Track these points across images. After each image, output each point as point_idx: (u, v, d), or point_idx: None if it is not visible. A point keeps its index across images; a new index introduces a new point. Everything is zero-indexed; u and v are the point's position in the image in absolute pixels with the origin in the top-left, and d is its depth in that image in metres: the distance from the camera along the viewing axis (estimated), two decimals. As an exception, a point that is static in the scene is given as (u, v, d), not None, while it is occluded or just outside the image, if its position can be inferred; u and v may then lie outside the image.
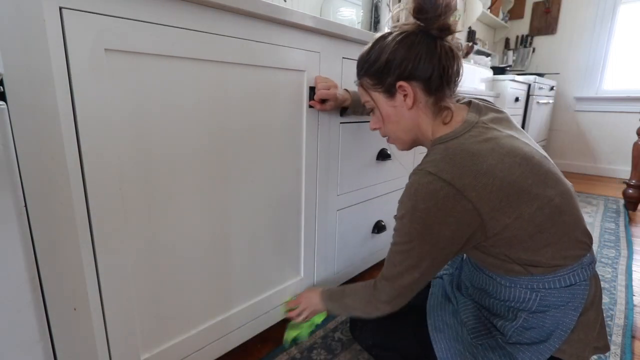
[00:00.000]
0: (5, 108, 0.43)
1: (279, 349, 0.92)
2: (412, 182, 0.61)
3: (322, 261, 1.04)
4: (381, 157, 1.16)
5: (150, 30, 0.56)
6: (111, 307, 0.60)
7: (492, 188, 0.55)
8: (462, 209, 0.56)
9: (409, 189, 0.61)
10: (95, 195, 0.54)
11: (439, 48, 0.61)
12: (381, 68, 0.65)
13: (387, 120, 0.70)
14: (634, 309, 1.16)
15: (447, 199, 0.56)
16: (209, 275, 0.75)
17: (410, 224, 0.60)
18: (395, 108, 0.68)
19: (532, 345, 0.61)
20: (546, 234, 0.58)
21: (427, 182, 0.58)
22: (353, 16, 1.73)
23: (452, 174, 0.56)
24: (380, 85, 0.67)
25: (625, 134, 3.13)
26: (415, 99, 0.65)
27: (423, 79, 0.63)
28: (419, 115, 0.67)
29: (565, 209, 0.59)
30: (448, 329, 0.70)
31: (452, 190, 0.56)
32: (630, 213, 2.20)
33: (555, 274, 0.59)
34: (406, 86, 0.64)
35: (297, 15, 0.76)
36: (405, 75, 0.63)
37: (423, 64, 0.62)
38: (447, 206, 0.56)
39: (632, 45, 3.08)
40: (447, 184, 0.56)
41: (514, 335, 0.63)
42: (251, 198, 0.79)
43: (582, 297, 0.60)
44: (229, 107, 0.70)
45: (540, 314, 0.61)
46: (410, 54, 0.62)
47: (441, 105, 0.65)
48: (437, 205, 0.56)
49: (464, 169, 0.56)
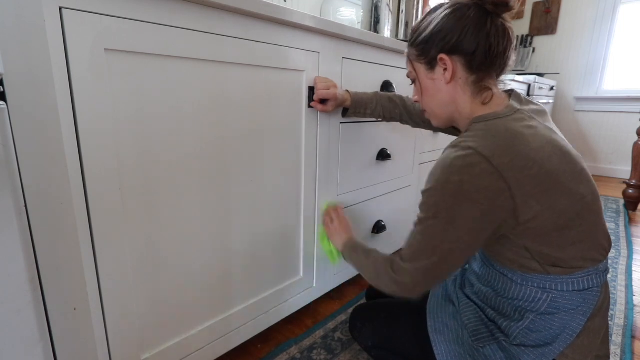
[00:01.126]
0: (5, 108, 0.43)
1: (279, 349, 0.92)
2: (447, 154, 0.58)
3: (321, 261, 1.04)
4: (381, 157, 1.16)
5: (150, 30, 0.56)
6: (111, 307, 0.60)
7: (529, 172, 0.53)
8: (497, 189, 0.53)
9: (444, 161, 0.58)
10: (95, 195, 0.54)
11: (489, 24, 0.59)
12: (426, 39, 0.64)
13: (425, 93, 0.69)
14: (634, 309, 1.16)
15: (483, 175, 0.53)
16: (209, 275, 0.75)
17: (439, 197, 0.57)
18: (433, 81, 0.67)
19: (536, 347, 0.60)
20: (574, 231, 0.56)
21: (465, 155, 0.55)
22: (353, 16, 1.73)
23: (492, 151, 0.54)
24: (423, 57, 0.66)
25: (625, 134, 3.13)
26: (454, 73, 0.63)
27: (466, 54, 0.61)
28: (457, 92, 0.65)
29: (594, 208, 0.58)
30: (448, 331, 0.69)
31: (489, 167, 0.53)
32: (630, 213, 2.20)
33: (571, 276, 0.58)
34: (447, 59, 0.62)
35: (297, 15, 0.76)
36: (448, 48, 0.62)
37: (468, 38, 0.60)
38: (482, 183, 0.54)
39: (632, 45, 3.08)
40: (486, 159, 0.54)
41: (519, 336, 0.61)
42: (251, 198, 0.79)
43: (592, 303, 0.59)
44: (228, 107, 0.70)
45: (549, 316, 0.60)
46: (457, 26, 0.60)
47: (482, 85, 0.63)
48: (472, 180, 0.54)
49: (504, 148, 0.55)
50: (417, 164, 1.41)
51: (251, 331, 0.88)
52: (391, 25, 1.48)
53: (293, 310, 0.99)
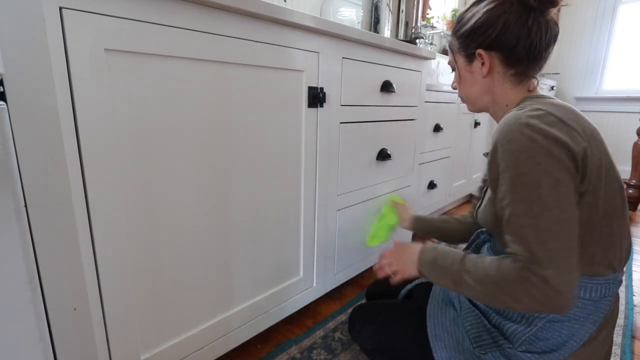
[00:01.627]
0: (5, 108, 0.43)
1: (279, 349, 0.92)
2: (516, 117, 0.53)
3: (321, 261, 1.04)
4: (381, 157, 1.16)
5: (150, 30, 0.56)
6: (111, 307, 0.60)
7: (594, 141, 0.53)
8: (579, 145, 0.51)
9: (516, 124, 0.52)
10: (95, 196, 0.54)
11: (531, 20, 0.59)
12: (467, 33, 0.65)
13: (463, 83, 0.71)
14: (634, 309, 1.16)
15: (564, 129, 0.51)
16: (209, 275, 0.75)
17: (531, 161, 0.50)
18: (471, 73, 0.68)
19: (541, 354, 0.58)
20: (615, 222, 0.54)
21: (539, 114, 0.52)
22: (353, 16, 1.73)
23: (563, 114, 0.53)
24: (463, 49, 0.67)
25: (625, 134, 3.13)
26: (491, 68, 0.64)
27: (505, 49, 0.61)
28: (494, 84, 0.66)
29: (626, 210, 0.56)
30: (448, 337, 0.67)
31: (565, 125, 0.52)
32: (630, 213, 2.20)
33: (590, 280, 0.55)
34: (484, 55, 0.63)
35: (297, 15, 0.76)
36: (487, 44, 0.62)
37: (508, 35, 0.60)
38: (566, 135, 0.51)
39: (632, 45, 3.08)
40: (560, 119, 0.52)
41: (525, 343, 0.59)
42: (251, 198, 0.79)
43: (603, 313, 0.57)
44: (228, 106, 0.70)
45: (558, 323, 0.57)
46: (497, 22, 0.60)
47: (524, 76, 0.64)
48: (557, 136, 0.50)
49: (570, 114, 0.54)
50: (417, 164, 1.41)
51: (251, 331, 0.88)
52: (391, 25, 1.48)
53: (293, 310, 0.99)
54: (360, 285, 1.26)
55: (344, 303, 1.15)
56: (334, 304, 1.14)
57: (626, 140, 3.12)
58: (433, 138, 1.64)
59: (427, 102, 1.46)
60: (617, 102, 3.15)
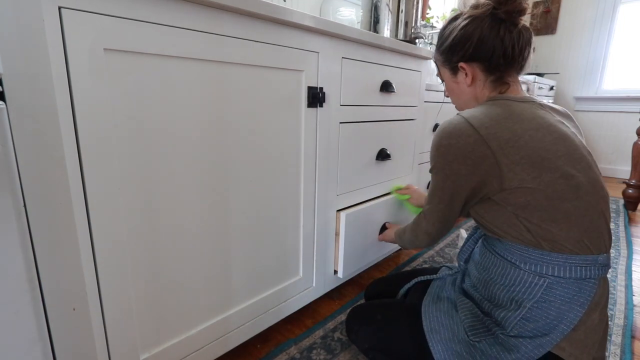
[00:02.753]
0: (5, 108, 0.43)
1: (278, 349, 0.92)
2: (444, 122, 0.68)
3: (321, 261, 1.04)
4: (381, 157, 1.16)
5: (150, 30, 0.56)
6: (110, 307, 0.60)
7: (514, 144, 0.60)
8: (481, 154, 0.62)
9: (440, 127, 0.68)
10: (95, 195, 0.54)
11: (502, 31, 0.66)
12: (447, 48, 0.73)
13: (452, 93, 0.80)
14: (634, 309, 1.16)
15: (468, 141, 0.62)
16: (209, 275, 0.75)
17: (435, 158, 0.69)
18: (457, 84, 0.76)
19: (533, 338, 0.61)
20: (567, 204, 0.59)
21: (456, 123, 0.65)
22: (353, 16, 1.73)
23: (481, 122, 0.62)
24: (447, 63, 0.75)
25: (625, 134, 3.14)
26: (474, 77, 0.72)
27: (484, 60, 0.69)
28: (478, 91, 0.73)
29: (591, 191, 0.61)
30: (444, 329, 0.70)
31: (475, 135, 0.62)
32: (630, 213, 2.20)
33: (567, 259, 0.60)
34: (466, 67, 0.71)
35: (297, 15, 0.76)
36: (467, 57, 0.70)
37: (484, 47, 0.67)
38: (467, 148, 0.63)
39: (632, 45, 3.08)
40: (473, 129, 0.62)
41: (516, 327, 0.62)
42: (250, 198, 0.79)
43: (588, 295, 0.60)
44: (228, 106, 0.70)
45: (545, 304, 0.61)
46: (473, 36, 0.68)
47: (502, 81, 0.71)
48: (458, 144, 0.63)
49: (495, 121, 0.62)
50: (417, 164, 1.41)
51: (250, 331, 0.88)
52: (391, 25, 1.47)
53: (292, 310, 0.99)
54: (360, 285, 1.26)
55: (343, 303, 1.15)
56: (334, 304, 1.14)
57: (626, 140, 3.13)
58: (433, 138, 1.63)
59: (427, 102, 1.46)
60: (616, 102, 3.15)
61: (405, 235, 0.91)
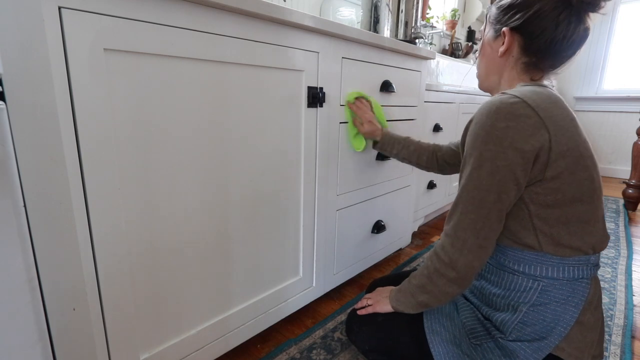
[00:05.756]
0: (5, 108, 0.43)
1: (278, 349, 0.92)
2: (492, 101, 0.58)
3: (321, 261, 1.04)
4: (381, 157, 1.16)
5: (150, 30, 0.56)
6: (110, 307, 0.60)
7: (565, 133, 0.56)
8: (541, 139, 0.54)
9: (489, 107, 0.57)
10: (94, 195, 0.54)
11: (563, 15, 0.59)
12: (504, 6, 0.66)
13: (482, 55, 0.73)
14: (634, 309, 1.16)
15: (528, 123, 0.54)
16: (208, 275, 0.75)
17: (482, 145, 0.56)
18: (491, 48, 0.70)
19: (532, 342, 0.61)
20: (582, 207, 0.58)
21: (512, 103, 0.56)
22: (353, 16, 1.73)
23: (538, 103, 0.56)
24: (495, 22, 0.68)
25: (625, 134, 3.14)
26: (508, 50, 0.66)
27: (528, 36, 0.62)
28: (505, 67, 0.67)
29: (599, 194, 0.60)
30: (445, 331, 0.69)
31: (535, 116, 0.55)
32: (630, 213, 2.20)
33: (562, 260, 0.59)
34: (507, 35, 0.65)
35: (297, 15, 0.76)
36: (514, 24, 0.63)
37: (536, 23, 0.61)
38: (527, 132, 0.54)
39: (632, 45, 3.08)
40: (532, 109, 0.55)
41: (514, 331, 0.62)
42: (250, 198, 0.79)
43: (582, 295, 0.60)
44: (228, 106, 0.70)
45: (541, 307, 0.61)
46: (532, 6, 0.61)
47: (535, 68, 0.65)
48: (518, 127, 0.54)
49: (548, 104, 0.57)
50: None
51: (250, 331, 0.88)
52: (390, 25, 1.48)
53: (292, 310, 0.99)
54: (360, 285, 1.26)
55: (343, 303, 1.15)
56: (334, 303, 1.14)
57: (626, 140, 3.13)
58: (433, 138, 1.63)
59: (427, 102, 1.46)
60: (617, 102, 3.15)
61: (413, 282, 0.68)
